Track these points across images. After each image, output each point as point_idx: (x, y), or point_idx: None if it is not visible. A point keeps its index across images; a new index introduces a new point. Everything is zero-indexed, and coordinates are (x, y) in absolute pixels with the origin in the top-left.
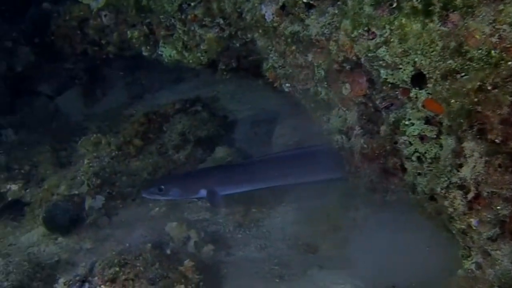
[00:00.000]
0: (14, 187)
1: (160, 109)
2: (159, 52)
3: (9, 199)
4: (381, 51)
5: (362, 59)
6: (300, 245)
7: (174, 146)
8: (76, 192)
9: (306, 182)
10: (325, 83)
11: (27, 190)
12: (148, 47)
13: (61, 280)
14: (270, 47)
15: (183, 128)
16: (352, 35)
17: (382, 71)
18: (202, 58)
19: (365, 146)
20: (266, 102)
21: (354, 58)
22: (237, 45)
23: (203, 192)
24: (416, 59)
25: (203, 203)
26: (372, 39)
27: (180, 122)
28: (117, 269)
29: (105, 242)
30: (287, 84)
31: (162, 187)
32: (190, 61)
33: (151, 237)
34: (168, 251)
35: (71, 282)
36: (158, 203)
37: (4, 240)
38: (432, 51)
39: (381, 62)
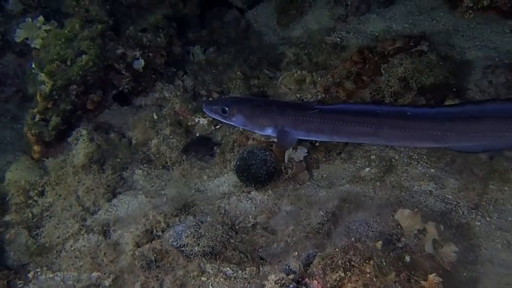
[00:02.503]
0: (203, 120)
1: (378, 46)
2: None
3: (197, 134)
4: None
5: None
6: None
7: (392, 94)
8: None
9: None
10: None
11: (217, 127)
12: None
13: (272, 278)
14: None
15: (405, 72)
16: None
17: None
18: None
19: None
20: (498, 39)
21: None
22: None
23: (270, 131)
24: None
25: (424, 169)
26: None
27: (402, 64)
28: (342, 274)
29: (310, 208)
30: None
31: (227, 108)
32: None
33: (377, 225)
34: (408, 258)
35: (284, 282)
36: (368, 160)
37: (190, 184)
38: None
39: None
